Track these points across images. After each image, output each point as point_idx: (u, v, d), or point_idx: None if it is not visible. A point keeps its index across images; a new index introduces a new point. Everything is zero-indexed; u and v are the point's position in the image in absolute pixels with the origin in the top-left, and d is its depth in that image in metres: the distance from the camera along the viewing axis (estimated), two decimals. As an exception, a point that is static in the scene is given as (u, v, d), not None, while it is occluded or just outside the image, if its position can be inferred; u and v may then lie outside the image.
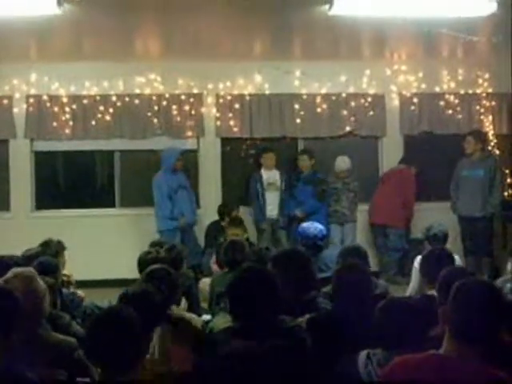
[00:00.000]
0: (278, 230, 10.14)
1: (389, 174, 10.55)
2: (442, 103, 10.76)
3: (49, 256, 6.29)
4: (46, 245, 6.93)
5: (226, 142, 10.77)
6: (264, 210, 10.08)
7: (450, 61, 10.47)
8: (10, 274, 4.15)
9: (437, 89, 10.77)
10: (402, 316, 3.57)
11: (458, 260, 6.30)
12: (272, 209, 10.10)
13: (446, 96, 10.77)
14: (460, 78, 10.71)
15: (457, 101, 10.78)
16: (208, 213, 10.29)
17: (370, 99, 10.71)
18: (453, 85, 10.74)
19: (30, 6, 7.08)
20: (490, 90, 10.75)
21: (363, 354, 3.62)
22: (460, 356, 2.79)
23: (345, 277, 4.43)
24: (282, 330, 3.67)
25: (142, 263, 6.04)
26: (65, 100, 10.28)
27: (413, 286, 6.77)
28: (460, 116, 10.78)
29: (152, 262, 5.68)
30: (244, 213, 10.13)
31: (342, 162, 10.22)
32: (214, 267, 8.31)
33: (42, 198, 10.69)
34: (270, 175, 10.14)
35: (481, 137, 9.99)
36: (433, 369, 2.78)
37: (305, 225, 7.19)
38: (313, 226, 7.03)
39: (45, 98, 10.27)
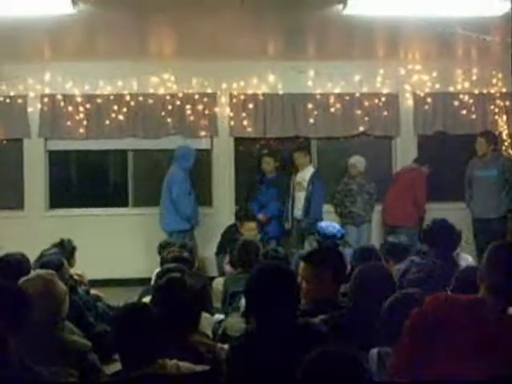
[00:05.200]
0: (303, 232, 9.82)
1: (400, 173, 10.53)
2: (456, 103, 10.73)
3: (59, 255, 6.35)
4: (60, 245, 6.99)
5: (239, 141, 10.78)
6: (289, 210, 10.05)
7: (464, 60, 10.42)
8: (32, 274, 4.24)
9: (451, 88, 10.74)
10: (406, 310, 3.52)
11: (471, 260, 6.28)
12: (297, 209, 10.01)
13: (460, 96, 10.73)
14: (474, 77, 10.66)
15: (471, 100, 10.74)
16: (221, 212, 10.31)
17: (383, 99, 10.69)
18: (467, 84, 10.70)
19: (45, 6, 7.10)
20: (504, 90, 10.68)
21: (374, 352, 3.60)
22: (493, 303, 2.93)
23: (368, 277, 4.38)
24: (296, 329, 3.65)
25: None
26: (79, 99, 10.31)
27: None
28: (474, 116, 10.73)
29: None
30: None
31: (356, 161, 10.21)
32: (227, 268, 8.32)
33: (55, 197, 10.73)
34: (300, 174, 10.05)
35: (492, 137, 9.93)
36: (468, 308, 2.92)
37: (323, 224, 7.20)
38: (331, 226, 7.05)
39: (59, 97, 10.30)
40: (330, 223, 7.25)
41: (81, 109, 10.32)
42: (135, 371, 3.25)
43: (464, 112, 10.73)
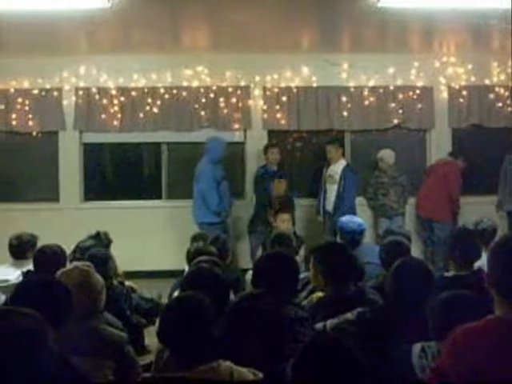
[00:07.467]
0: (335, 226, 9.83)
1: (434, 166, 10.45)
2: (491, 96, 10.64)
3: (100, 248, 6.41)
4: (97, 237, 7.04)
5: (272, 134, 10.77)
6: (320, 203, 10.11)
7: (499, 53, 10.29)
8: (70, 266, 4.28)
9: (486, 81, 10.65)
10: (464, 310, 3.48)
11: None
12: (329, 202, 10.00)
13: (496, 88, 10.64)
14: (510, 70, 10.51)
15: (506, 93, 10.63)
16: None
17: (418, 92, 10.63)
18: (502, 77, 10.60)
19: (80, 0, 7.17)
20: (540, 83, 10.58)
21: (418, 346, 3.58)
22: None
23: (404, 272, 4.34)
24: None
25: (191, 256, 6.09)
26: (113, 92, 10.38)
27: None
28: (510, 109, 10.63)
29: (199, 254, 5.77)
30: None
31: (383, 154, 10.22)
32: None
33: (90, 190, 10.83)
34: (332, 168, 10.01)
35: None
36: (499, 333, 2.55)
37: (344, 219, 7.14)
38: (352, 221, 6.99)
39: (94, 90, 10.38)
40: (351, 218, 7.17)
41: (115, 102, 10.40)
42: (187, 369, 3.09)
43: (499, 105, 10.64)
